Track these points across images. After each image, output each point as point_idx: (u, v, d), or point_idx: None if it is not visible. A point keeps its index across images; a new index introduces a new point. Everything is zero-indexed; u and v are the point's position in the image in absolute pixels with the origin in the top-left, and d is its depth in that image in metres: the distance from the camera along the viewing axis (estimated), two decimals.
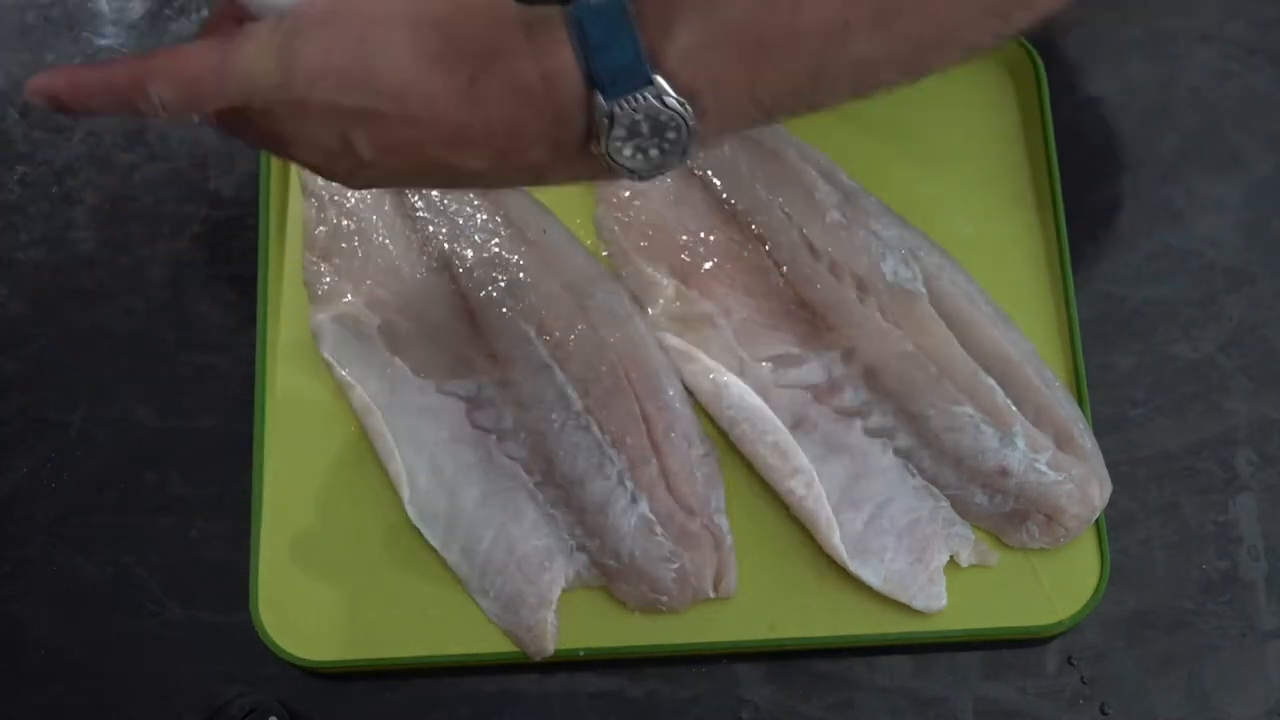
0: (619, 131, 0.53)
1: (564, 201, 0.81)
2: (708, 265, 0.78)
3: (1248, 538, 0.76)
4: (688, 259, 0.78)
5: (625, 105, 0.53)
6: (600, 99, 0.53)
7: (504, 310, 0.77)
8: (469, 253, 0.78)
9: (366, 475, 0.77)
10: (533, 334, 0.76)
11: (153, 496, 0.78)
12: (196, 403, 0.79)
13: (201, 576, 0.76)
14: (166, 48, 0.55)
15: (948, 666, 0.74)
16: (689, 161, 0.57)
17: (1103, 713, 0.73)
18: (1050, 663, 0.74)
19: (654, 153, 0.54)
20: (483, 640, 0.74)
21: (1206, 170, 0.82)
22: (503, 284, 0.77)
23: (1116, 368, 0.79)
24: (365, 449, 0.77)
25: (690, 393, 0.77)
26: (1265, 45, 0.85)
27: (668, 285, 0.78)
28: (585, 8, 0.52)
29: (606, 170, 0.55)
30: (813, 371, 0.76)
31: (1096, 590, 0.73)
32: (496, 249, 0.78)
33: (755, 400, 0.75)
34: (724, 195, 0.79)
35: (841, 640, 0.74)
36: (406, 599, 0.75)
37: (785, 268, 0.77)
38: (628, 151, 0.54)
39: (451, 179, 0.57)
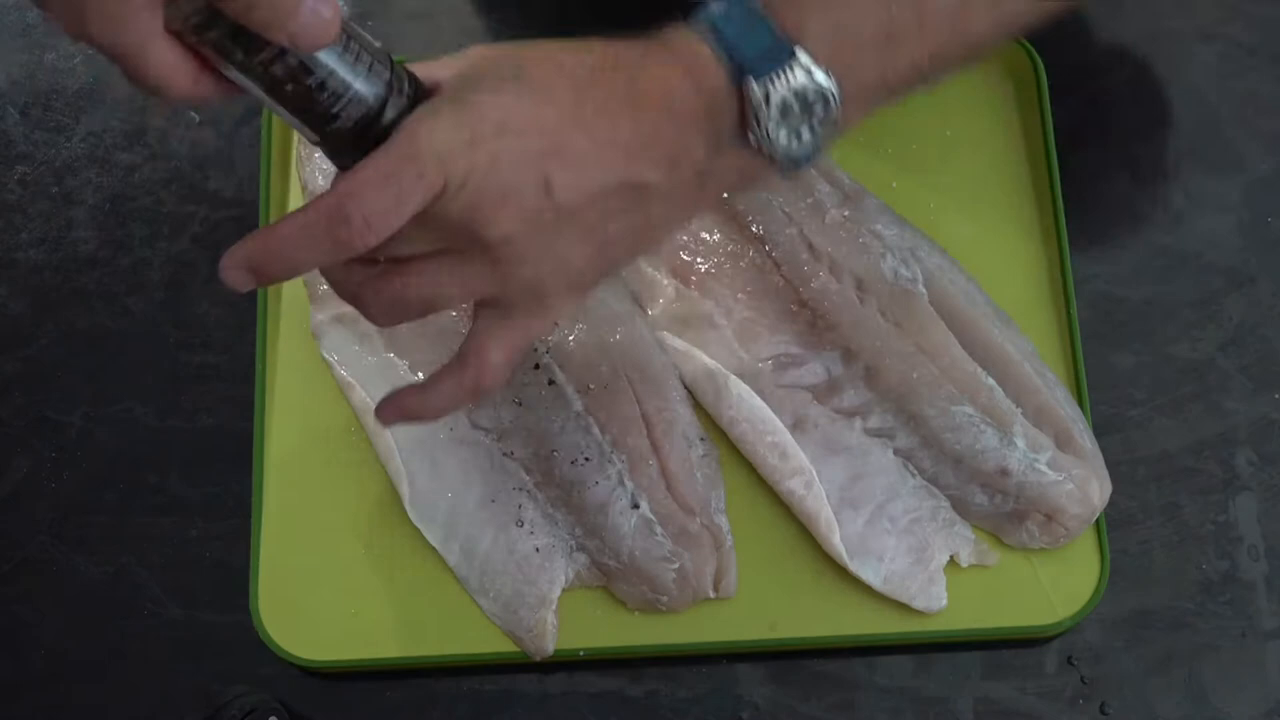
0: (772, 112, 0.56)
1: None
2: (708, 265, 0.78)
3: (1248, 538, 0.76)
4: (688, 259, 0.78)
5: (776, 81, 0.56)
6: (751, 81, 0.56)
7: None
8: None
9: (366, 475, 0.77)
10: None
11: (153, 496, 0.78)
12: (196, 403, 0.79)
13: (201, 576, 0.76)
14: (351, 169, 0.54)
15: (948, 666, 0.74)
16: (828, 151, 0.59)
17: (1103, 713, 0.73)
18: (1050, 663, 0.74)
19: (805, 133, 0.57)
20: (483, 640, 0.74)
21: (1206, 170, 0.82)
22: None
23: (1116, 368, 0.79)
24: (365, 449, 0.77)
25: (690, 393, 0.77)
26: (1265, 45, 0.85)
27: (668, 285, 0.78)
28: (713, 14, 0.57)
29: (764, 158, 0.58)
30: (813, 371, 0.76)
31: (1096, 590, 0.73)
32: None
33: (755, 400, 0.75)
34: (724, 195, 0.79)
35: (841, 640, 0.74)
36: (406, 599, 0.74)
37: (785, 268, 0.77)
38: (783, 134, 0.57)
39: (638, 212, 0.58)
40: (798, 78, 0.56)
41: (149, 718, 0.75)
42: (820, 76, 0.56)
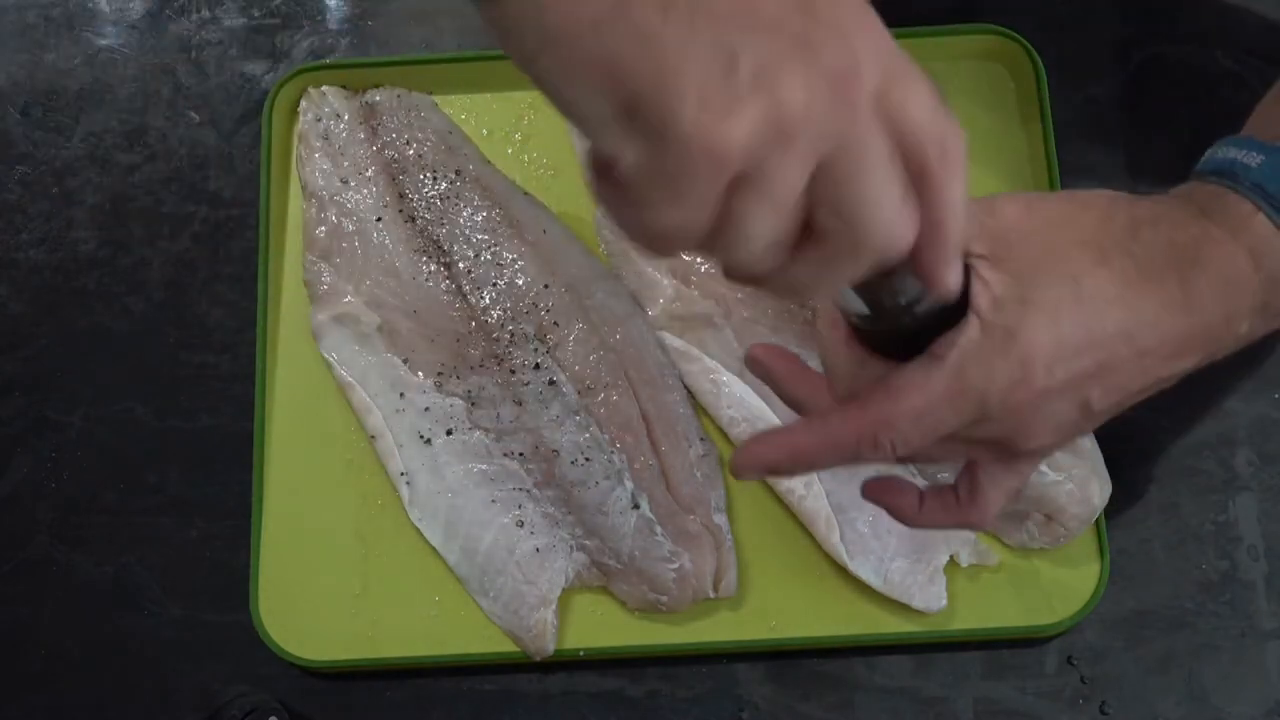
0: None
1: (564, 202, 0.81)
2: (707, 265, 0.78)
3: (1248, 538, 0.76)
4: (688, 259, 0.78)
5: None
6: None
7: (504, 310, 0.77)
8: (469, 253, 0.78)
9: (366, 475, 0.77)
10: (532, 334, 0.76)
11: (153, 496, 0.78)
12: (196, 403, 0.79)
13: (201, 576, 0.76)
14: (887, 392, 0.53)
15: (948, 666, 0.74)
16: None
17: (1103, 713, 0.73)
18: (1050, 663, 0.74)
19: None
20: (483, 640, 0.74)
21: None
22: (503, 284, 0.77)
23: None
24: (365, 449, 0.77)
25: (690, 393, 0.77)
26: (1265, 45, 0.85)
27: (668, 285, 0.78)
28: (1255, 172, 0.54)
29: None
30: None
31: (1096, 590, 0.73)
32: (496, 249, 0.78)
33: (755, 400, 0.75)
34: None
35: (841, 640, 0.74)
36: (406, 599, 0.75)
37: None
38: None
39: (1158, 388, 0.57)
40: None
41: (149, 718, 0.75)
42: None
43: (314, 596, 0.75)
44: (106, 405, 0.79)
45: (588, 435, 0.74)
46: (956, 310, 0.52)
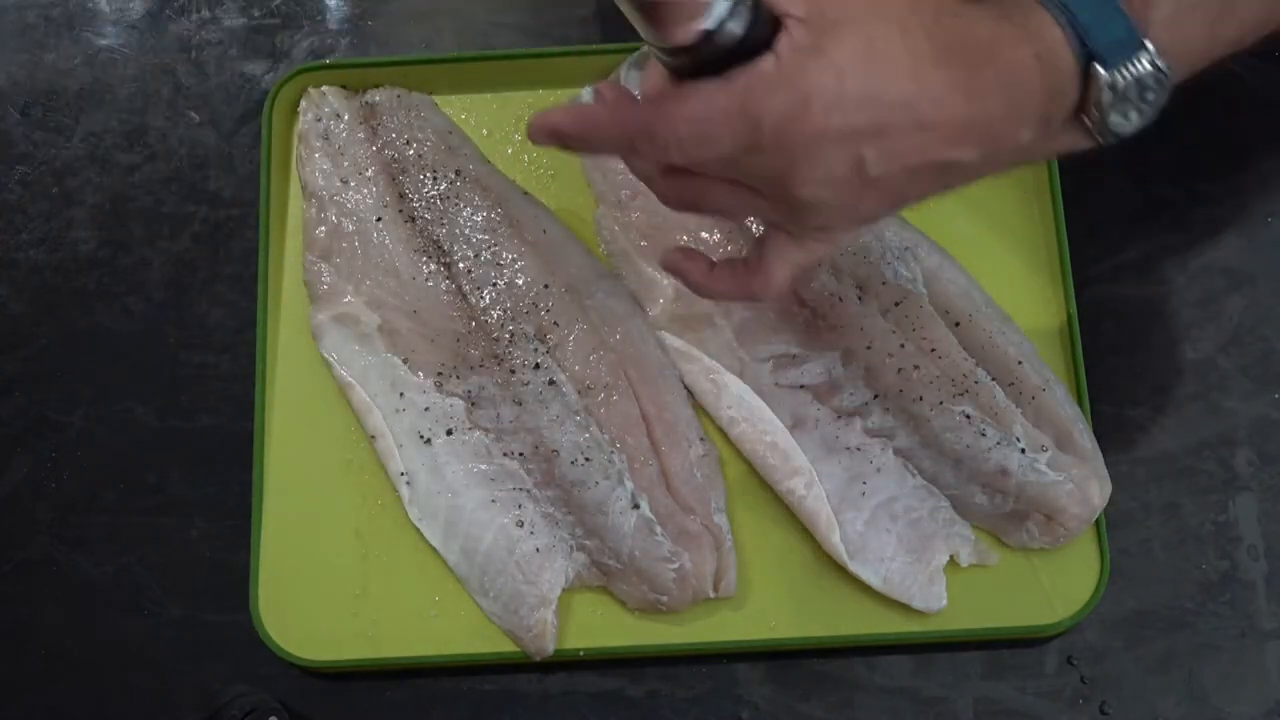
0: (1115, 99, 0.57)
1: (564, 201, 0.81)
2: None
3: (1248, 538, 0.76)
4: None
5: (1124, 73, 0.57)
6: (1100, 70, 0.57)
7: (504, 310, 0.77)
8: (469, 253, 0.78)
9: (366, 475, 0.77)
10: (532, 333, 0.76)
11: (153, 496, 0.78)
12: (196, 403, 0.79)
13: (201, 576, 0.76)
14: (675, 93, 0.57)
15: (948, 666, 0.74)
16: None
17: (1103, 713, 0.73)
18: (1050, 663, 0.74)
19: (1133, 114, 0.58)
20: (483, 640, 0.74)
21: (1206, 170, 0.82)
22: (503, 284, 0.77)
23: (1116, 368, 0.79)
24: (365, 449, 0.77)
25: (690, 393, 0.77)
26: (1265, 45, 0.84)
27: (668, 285, 0.78)
28: None
29: (1092, 137, 0.59)
30: (812, 371, 0.76)
31: (1096, 590, 0.73)
32: (496, 249, 0.78)
33: (755, 400, 0.75)
34: None
35: (841, 640, 0.74)
36: (406, 599, 0.75)
37: None
38: (1116, 116, 0.58)
39: (941, 179, 0.59)
40: (1143, 66, 0.57)
41: (149, 718, 0.75)
42: (1163, 64, 0.57)
43: (314, 596, 0.75)
44: (106, 405, 0.80)
45: (588, 435, 0.74)
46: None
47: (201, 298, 0.81)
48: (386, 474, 0.76)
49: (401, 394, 0.76)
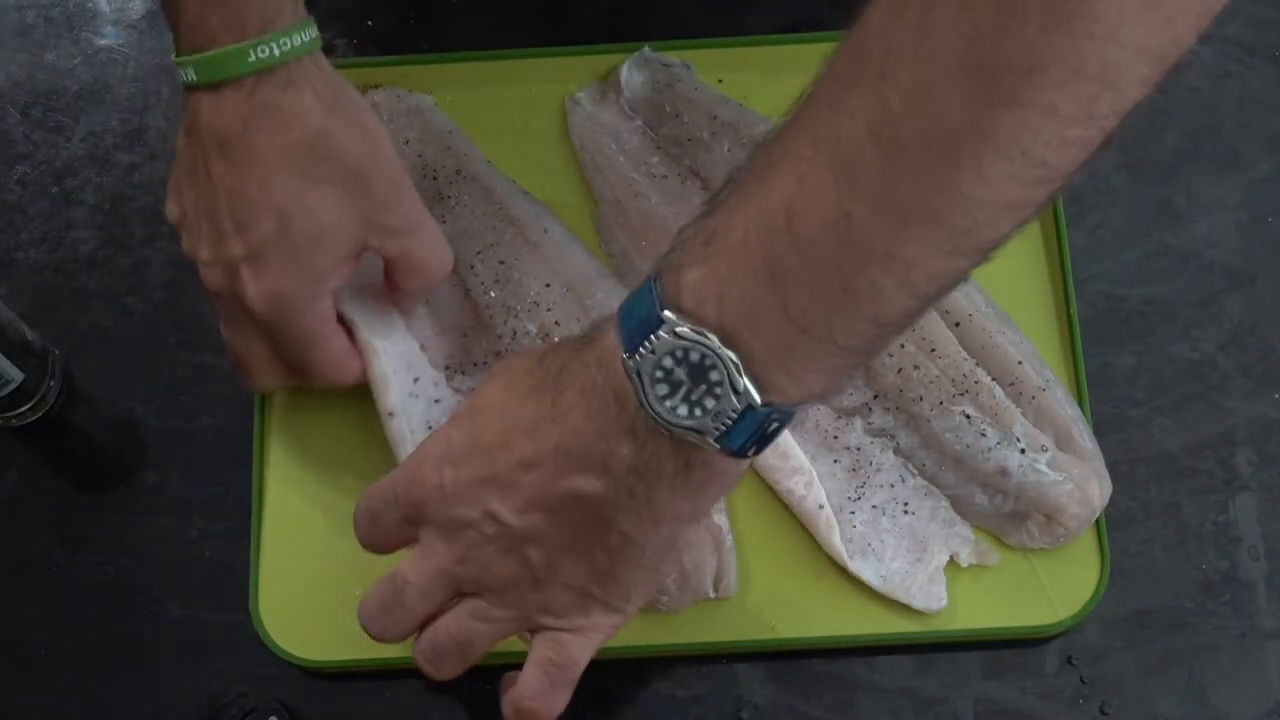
0: (657, 388, 0.52)
1: (564, 201, 0.81)
2: None
3: (1248, 538, 0.76)
4: None
5: (643, 352, 0.52)
6: (624, 357, 0.53)
7: (506, 308, 0.77)
8: (472, 251, 0.78)
9: (367, 474, 0.76)
10: (535, 331, 0.76)
11: (153, 496, 0.78)
12: (196, 403, 0.79)
13: (201, 576, 0.76)
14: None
15: (948, 666, 0.74)
16: (783, 424, 0.54)
17: (1103, 713, 0.73)
18: (1050, 663, 0.74)
19: (709, 402, 0.52)
20: None
21: (1206, 170, 0.82)
22: (505, 283, 0.77)
23: (1116, 368, 0.79)
24: (366, 449, 0.77)
25: None
26: (1265, 45, 0.85)
27: None
28: (624, 303, 0.55)
29: (690, 444, 0.54)
30: None
31: (1096, 590, 0.73)
32: (498, 248, 0.78)
33: None
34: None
35: (841, 640, 0.74)
36: None
37: None
38: (681, 408, 0.52)
39: (591, 513, 0.58)
40: (666, 339, 0.52)
41: (149, 718, 0.75)
42: (687, 331, 0.51)
43: (314, 596, 0.74)
44: (106, 405, 0.79)
45: None
46: None
47: (201, 298, 0.81)
48: (394, 464, 0.75)
49: (416, 379, 0.76)
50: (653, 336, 0.52)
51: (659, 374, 0.52)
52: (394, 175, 0.68)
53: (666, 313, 0.52)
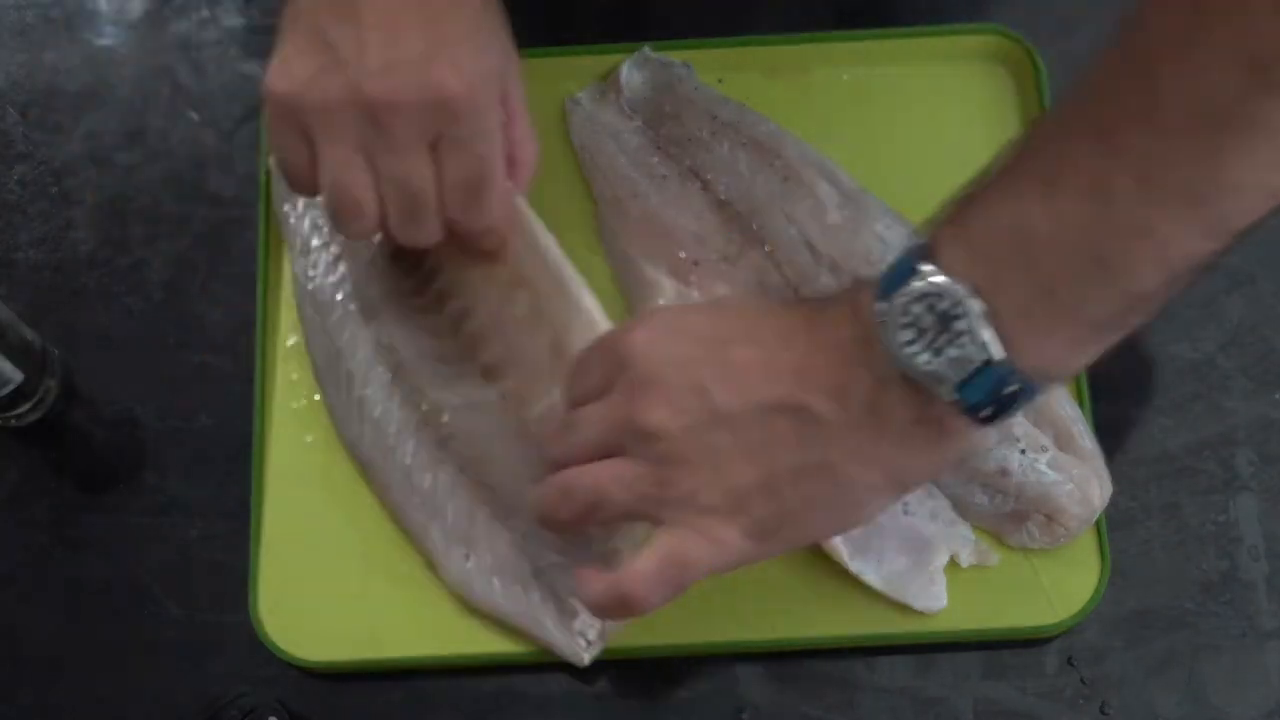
0: (903, 333, 0.55)
1: (564, 201, 0.81)
2: (707, 265, 0.78)
3: (1248, 538, 0.76)
4: (687, 259, 0.78)
5: (894, 298, 0.55)
6: (876, 304, 0.56)
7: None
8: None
9: (367, 474, 0.76)
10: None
11: (153, 496, 0.78)
12: (196, 403, 0.79)
13: (201, 576, 0.76)
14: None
15: (948, 666, 0.74)
16: (1021, 394, 0.55)
17: (1103, 713, 0.73)
18: (1050, 663, 0.74)
19: (952, 350, 0.54)
20: (483, 640, 0.74)
21: None
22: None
23: (1116, 368, 0.78)
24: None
25: None
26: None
27: (668, 285, 0.78)
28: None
29: (929, 392, 0.56)
30: None
31: (1096, 590, 0.73)
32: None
33: None
34: (724, 195, 0.79)
35: (841, 640, 0.74)
36: (406, 599, 0.74)
37: (785, 268, 0.77)
38: (924, 354, 0.55)
39: (804, 427, 0.59)
40: (917, 285, 0.55)
41: (149, 718, 0.75)
42: (941, 279, 0.54)
43: (314, 596, 0.74)
44: (106, 405, 0.79)
45: None
46: None
47: (201, 298, 0.81)
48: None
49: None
50: (908, 283, 0.55)
51: (906, 318, 0.55)
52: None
53: (921, 265, 0.55)
